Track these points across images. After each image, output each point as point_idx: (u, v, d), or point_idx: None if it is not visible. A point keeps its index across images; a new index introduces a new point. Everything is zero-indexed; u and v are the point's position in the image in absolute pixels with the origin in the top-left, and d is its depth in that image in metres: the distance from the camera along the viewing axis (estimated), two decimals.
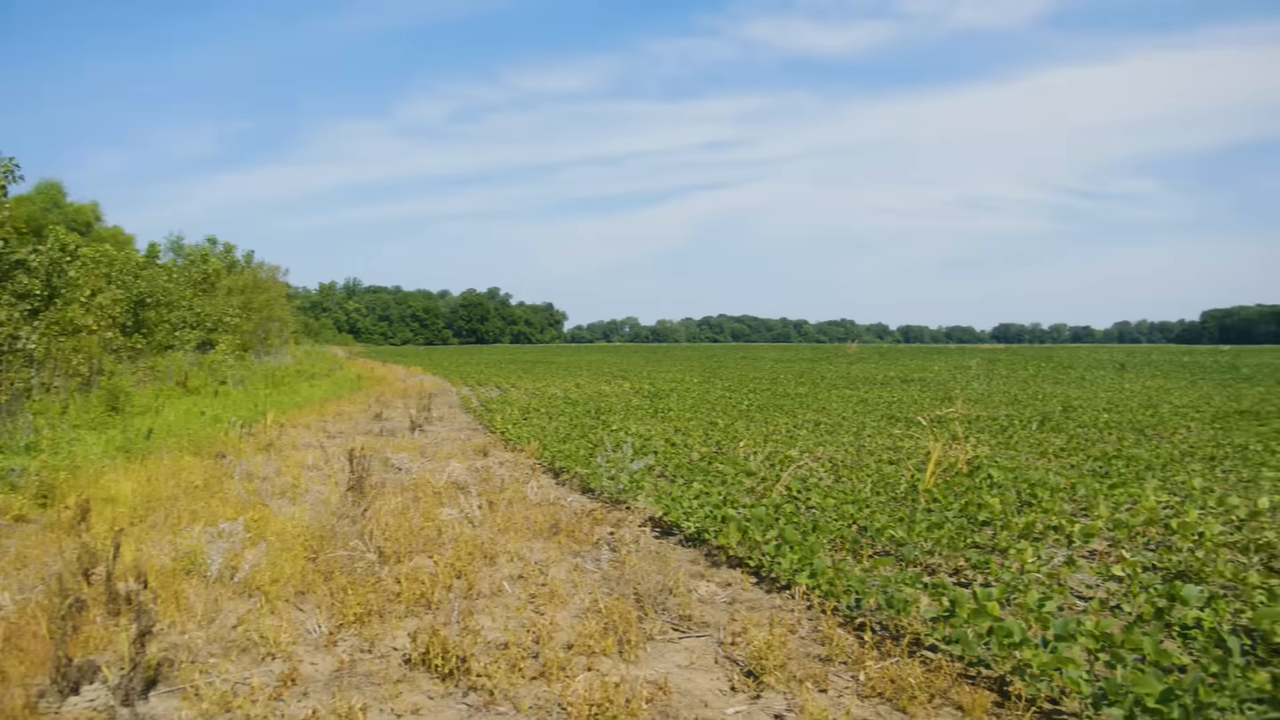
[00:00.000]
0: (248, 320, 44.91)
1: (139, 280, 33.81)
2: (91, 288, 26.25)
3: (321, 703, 4.80)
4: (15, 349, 16.38)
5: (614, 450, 11.75)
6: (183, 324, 36.62)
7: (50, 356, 20.19)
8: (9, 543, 8.24)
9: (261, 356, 43.82)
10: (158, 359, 30.42)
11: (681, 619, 6.29)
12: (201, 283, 46.16)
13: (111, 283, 30.63)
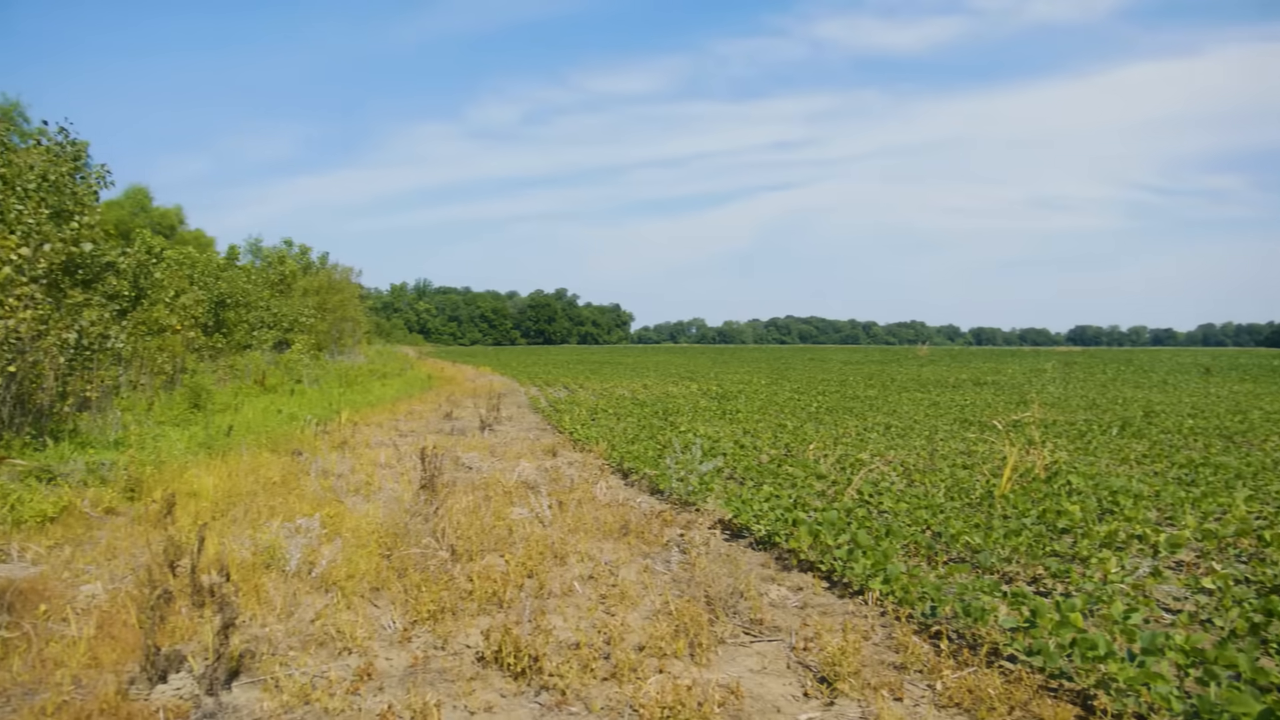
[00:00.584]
0: (322, 320, 45.93)
1: (220, 281, 34.84)
2: (175, 289, 27.15)
3: (397, 698, 4.86)
4: (105, 348, 16.96)
5: (683, 452, 11.72)
6: (260, 324, 37.61)
7: (137, 355, 20.87)
8: (100, 534, 8.55)
9: (335, 356, 44.76)
10: (237, 358, 31.28)
11: (753, 623, 6.24)
12: (279, 284, 47.39)
13: (194, 284, 31.63)
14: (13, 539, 8.11)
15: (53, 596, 6.37)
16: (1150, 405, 24.43)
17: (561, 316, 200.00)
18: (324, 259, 60.58)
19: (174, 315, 25.14)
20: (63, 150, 19.75)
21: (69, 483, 10.41)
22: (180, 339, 24.48)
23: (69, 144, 20.09)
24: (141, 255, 24.51)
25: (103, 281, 20.20)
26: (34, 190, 15.94)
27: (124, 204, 53.94)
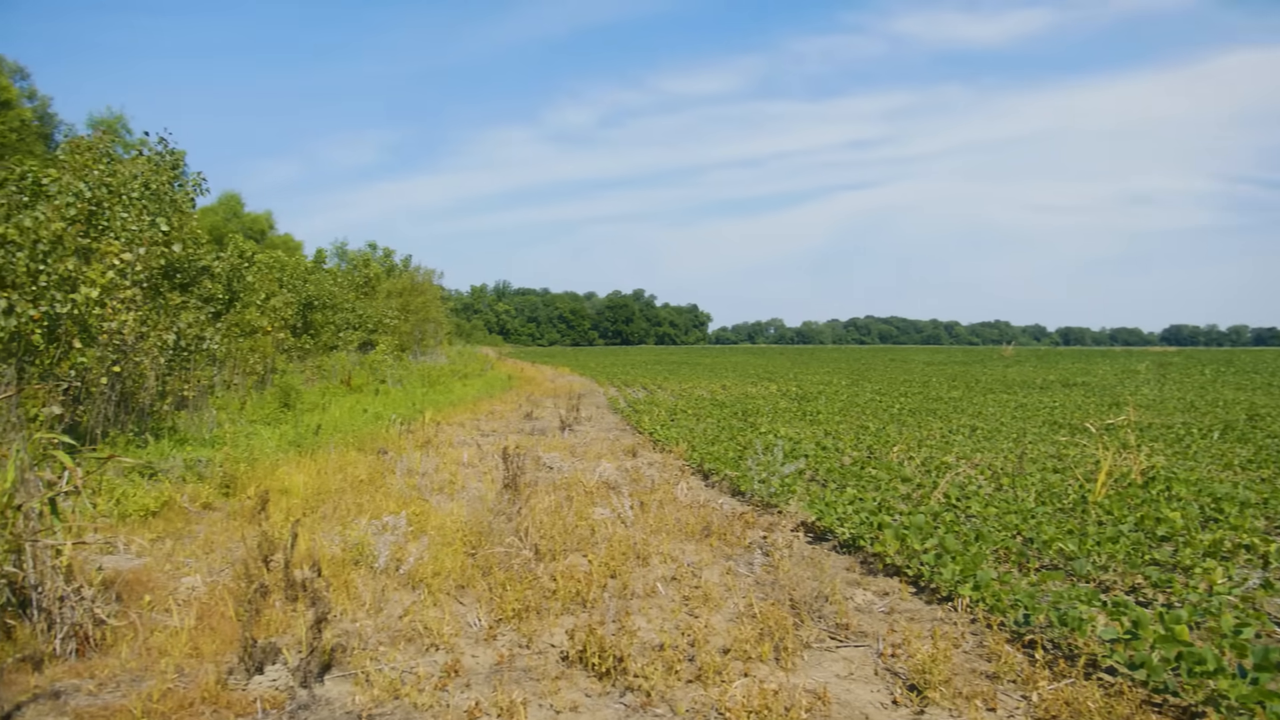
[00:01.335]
0: (405, 322, 46.86)
1: (307, 284, 35.85)
2: (266, 291, 28.00)
3: (484, 695, 4.91)
4: (201, 349, 17.60)
5: (764, 453, 11.63)
6: (346, 325, 38.56)
7: (230, 356, 21.60)
8: (198, 528, 8.86)
9: (418, 356, 45.63)
10: (324, 358, 32.13)
11: (838, 627, 6.14)
12: (363, 286, 48.54)
13: (283, 287, 32.59)
14: (119, 532, 8.46)
15: (156, 587, 6.62)
16: (1254, 408, 23.36)
17: (639, 317, 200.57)
18: (407, 261, 61.88)
19: (265, 317, 25.93)
20: (162, 159, 20.55)
21: (169, 478, 10.81)
22: (271, 340, 25.22)
23: (168, 153, 20.90)
24: (234, 259, 25.37)
25: (199, 285, 20.98)
26: (137, 199, 16.59)
27: (218, 210, 55.93)
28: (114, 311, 12.44)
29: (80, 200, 14.17)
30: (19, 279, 11.18)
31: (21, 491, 5.56)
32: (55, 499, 5.88)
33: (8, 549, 5.39)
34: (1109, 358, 74.97)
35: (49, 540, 5.56)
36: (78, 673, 5.11)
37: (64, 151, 18.35)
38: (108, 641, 5.53)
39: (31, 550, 5.46)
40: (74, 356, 11.48)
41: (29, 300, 10.94)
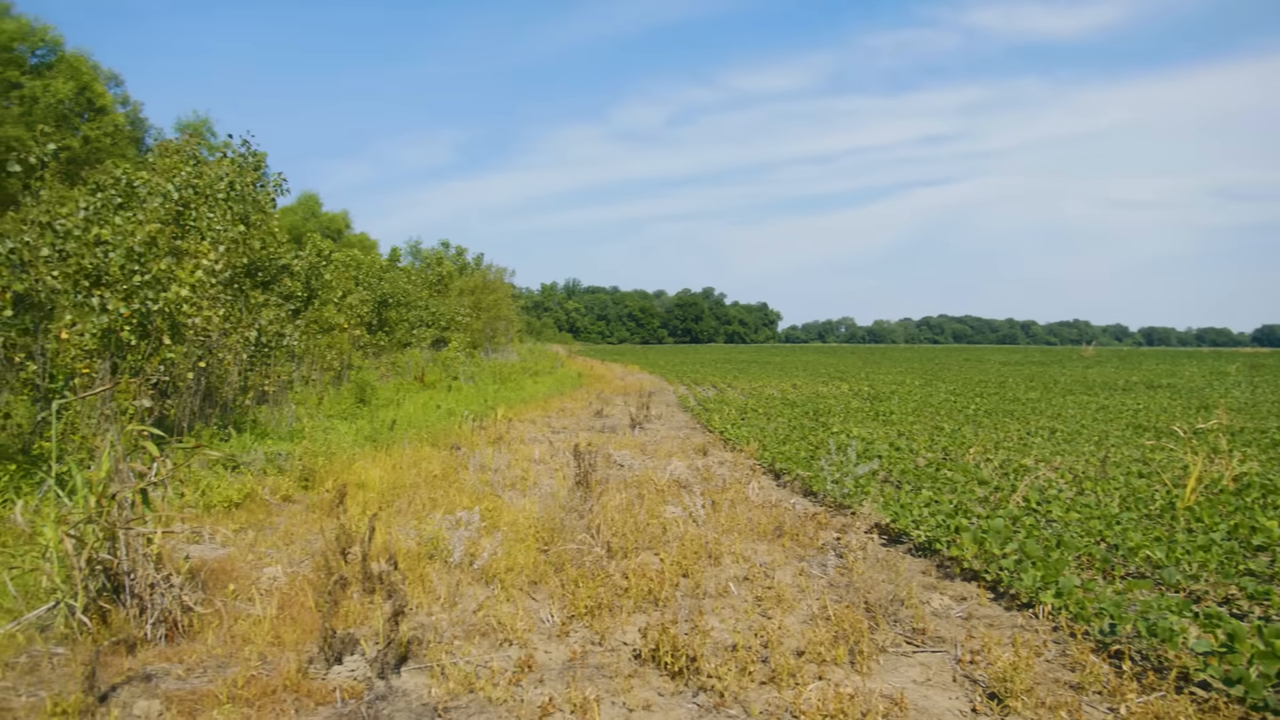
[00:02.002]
0: (477, 319, 47.48)
1: (382, 282, 36.54)
2: (343, 289, 28.60)
3: (557, 691, 4.93)
4: (281, 345, 18.07)
5: (837, 453, 11.48)
6: (420, 323, 39.21)
7: (308, 352, 22.11)
8: (279, 520, 9.08)
9: (489, 354, 46.20)
10: (398, 355, 32.72)
11: (914, 632, 6.03)
12: (436, 284, 49.32)
13: (359, 285, 33.26)
14: (204, 522, 8.72)
15: (239, 577, 6.80)
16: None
17: (708, 315, 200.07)
18: (479, 260, 62.75)
19: (341, 314, 26.48)
20: (245, 161, 21.15)
21: (250, 471, 11.11)
22: (347, 337, 25.75)
23: (250, 155, 21.50)
24: (313, 258, 25.96)
25: (279, 283, 21.52)
26: (221, 199, 17.10)
27: (297, 210, 57.40)
28: (200, 309, 12.82)
29: (169, 201, 14.65)
30: (113, 277, 11.59)
31: (116, 481, 5.75)
32: (146, 489, 6.08)
33: (104, 536, 5.59)
34: (1196, 359, 72.38)
35: (141, 529, 5.75)
36: (167, 657, 5.27)
37: (154, 155, 19.00)
38: (195, 628, 5.70)
39: (125, 538, 5.65)
40: (163, 352, 11.87)
41: (120, 298, 11.34)
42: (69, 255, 11.84)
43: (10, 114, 29.23)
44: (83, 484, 5.92)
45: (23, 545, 7.10)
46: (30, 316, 10.97)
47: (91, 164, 27.89)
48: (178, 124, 45.69)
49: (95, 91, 33.52)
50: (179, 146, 19.19)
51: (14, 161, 9.92)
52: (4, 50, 30.80)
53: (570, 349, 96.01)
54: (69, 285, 11.61)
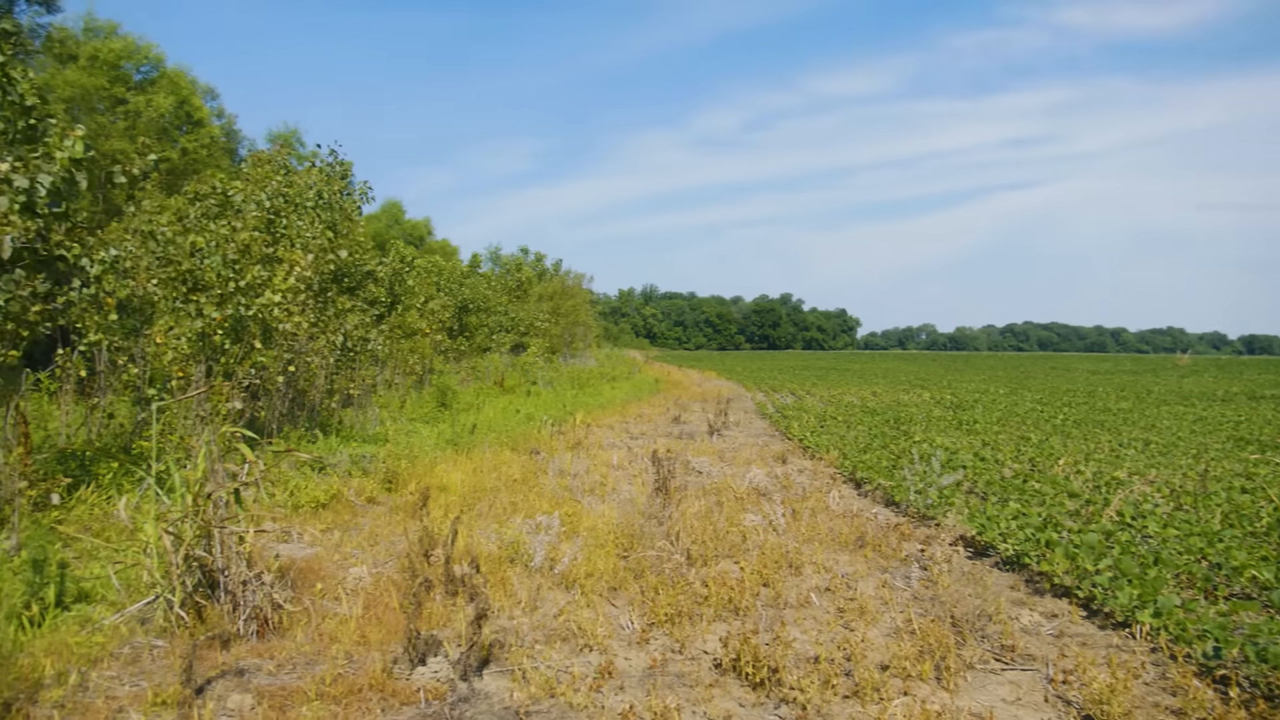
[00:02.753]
0: (556, 325, 47.89)
1: (463, 288, 37.15)
2: (425, 295, 29.18)
3: (637, 699, 4.92)
4: (365, 350, 18.51)
5: (921, 463, 11.25)
6: (499, 328, 39.73)
7: (391, 356, 22.57)
8: (363, 521, 9.27)
9: (567, 359, 46.54)
10: (478, 360, 33.19)
11: (1003, 649, 5.85)
12: (515, 289, 49.92)
13: (441, 290, 33.89)
14: (292, 522, 8.96)
15: (326, 576, 6.96)
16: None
17: (786, 322, 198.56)
18: (557, 265, 63.32)
19: (424, 319, 27.01)
20: (333, 170, 21.76)
21: (336, 473, 11.38)
22: (429, 342, 26.23)
23: (338, 164, 22.11)
24: (396, 264, 26.53)
25: (364, 289, 22.03)
26: (310, 207, 17.60)
27: (381, 217, 58.71)
28: (290, 314, 13.21)
29: (260, 209, 15.14)
30: (208, 283, 12.02)
31: (211, 481, 5.94)
32: (239, 489, 6.27)
33: (199, 534, 5.77)
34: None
35: (234, 527, 5.92)
36: (258, 653, 5.42)
37: (247, 165, 19.64)
38: (284, 625, 5.85)
39: (219, 536, 5.83)
40: (254, 356, 12.24)
41: (214, 303, 11.74)
42: (168, 262, 12.32)
43: (116, 128, 30.57)
44: (180, 483, 6.13)
45: (125, 540, 7.38)
46: (132, 321, 11.43)
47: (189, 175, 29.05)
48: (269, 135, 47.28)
49: (193, 105, 34.82)
50: (270, 157, 19.79)
51: (119, 173, 10.37)
52: (111, 68, 32.23)
53: (647, 355, 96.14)
54: (168, 291, 12.07)
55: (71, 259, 8.78)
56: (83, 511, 8.53)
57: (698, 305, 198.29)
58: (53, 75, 30.33)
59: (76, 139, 8.41)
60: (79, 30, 33.32)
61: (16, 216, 7.84)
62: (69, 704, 4.60)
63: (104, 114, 31.97)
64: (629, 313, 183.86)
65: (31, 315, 8.31)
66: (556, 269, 63.10)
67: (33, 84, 8.27)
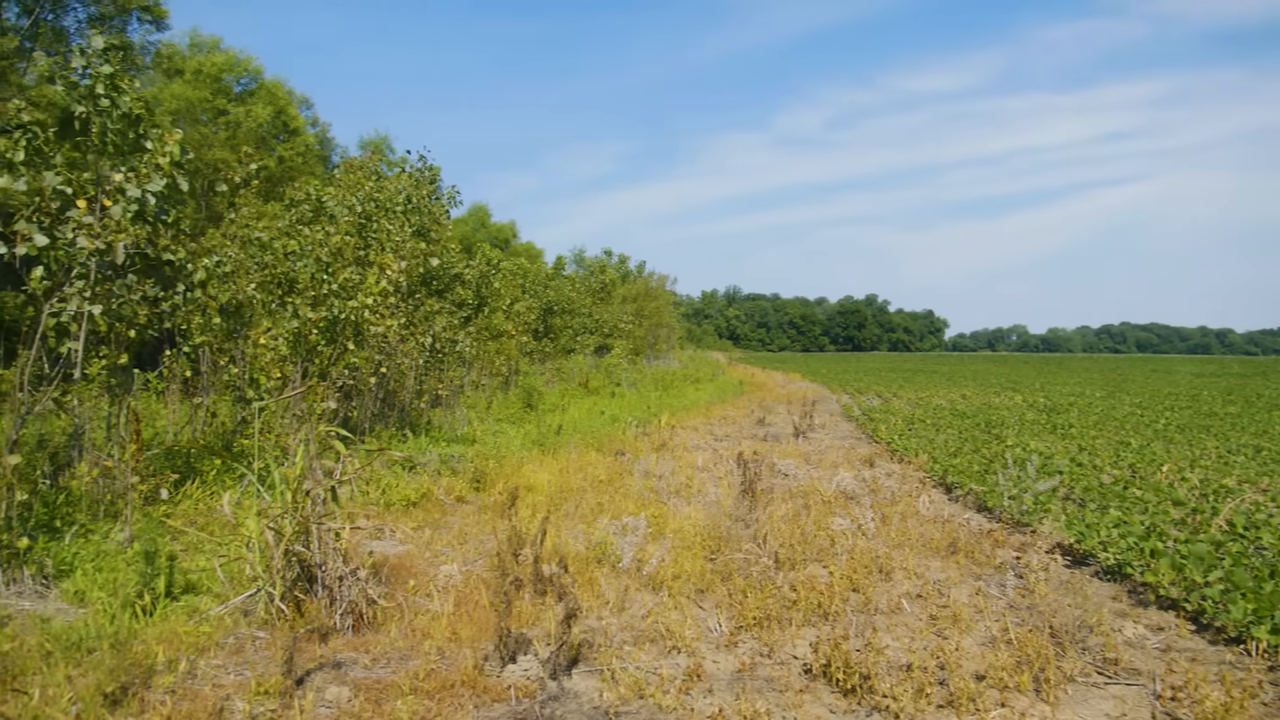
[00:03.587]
0: (639, 326, 48.03)
1: (548, 290, 37.54)
2: (511, 297, 29.57)
3: (726, 702, 4.89)
4: (453, 351, 18.87)
5: (1015, 467, 10.94)
6: (583, 330, 40.03)
7: (478, 358, 22.94)
8: (453, 519, 9.43)
9: (651, 361, 46.64)
10: (562, 361, 33.51)
11: (1106, 661, 5.63)
12: (599, 291, 50.20)
13: (526, 293, 34.30)
14: (385, 519, 9.16)
15: (418, 573, 7.09)
16: None
17: (871, 323, 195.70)
18: (640, 267, 63.46)
19: (510, 321, 27.37)
20: (421, 175, 22.20)
21: (426, 472, 11.61)
22: (515, 343, 26.57)
23: (426, 169, 22.55)
24: (482, 267, 26.96)
25: (452, 291, 22.44)
26: (400, 212, 18.00)
27: (467, 220, 59.75)
28: (381, 316, 13.52)
29: (351, 214, 15.54)
30: (302, 285, 12.40)
31: (309, 479, 6.12)
32: (335, 487, 6.43)
33: (298, 530, 5.94)
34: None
35: (331, 524, 6.08)
36: (354, 646, 5.55)
37: (340, 171, 20.19)
38: (378, 620, 5.98)
39: (317, 532, 6.00)
40: (347, 357, 12.57)
41: (308, 304, 12.10)
42: (265, 266, 12.75)
43: (218, 138, 31.78)
44: (280, 480, 6.32)
45: (227, 535, 7.65)
46: (232, 324, 11.86)
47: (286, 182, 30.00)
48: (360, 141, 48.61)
49: (290, 115, 36.00)
50: (362, 163, 20.29)
51: (221, 181, 10.77)
52: (214, 81, 33.55)
53: (730, 356, 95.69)
54: (265, 295, 12.48)
55: (178, 263, 9.14)
56: (188, 506, 8.88)
57: (781, 306, 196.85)
58: (160, 89, 31.69)
59: (174, 142, 8.75)
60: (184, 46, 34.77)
61: (129, 223, 8.19)
62: (179, 690, 4.79)
63: (206, 125, 33.28)
64: (712, 314, 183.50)
65: (141, 318, 8.67)
66: (640, 271, 63.27)
67: (138, 96, 8.62)
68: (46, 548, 6.75)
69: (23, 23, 25.42)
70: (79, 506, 7.90)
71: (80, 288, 7.93)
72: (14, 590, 6.12)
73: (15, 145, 7.53)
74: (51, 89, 22.50)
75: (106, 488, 8.11)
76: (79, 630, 5.35)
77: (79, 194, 7.93)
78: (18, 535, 6.38)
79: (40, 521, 7.36)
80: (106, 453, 8.46)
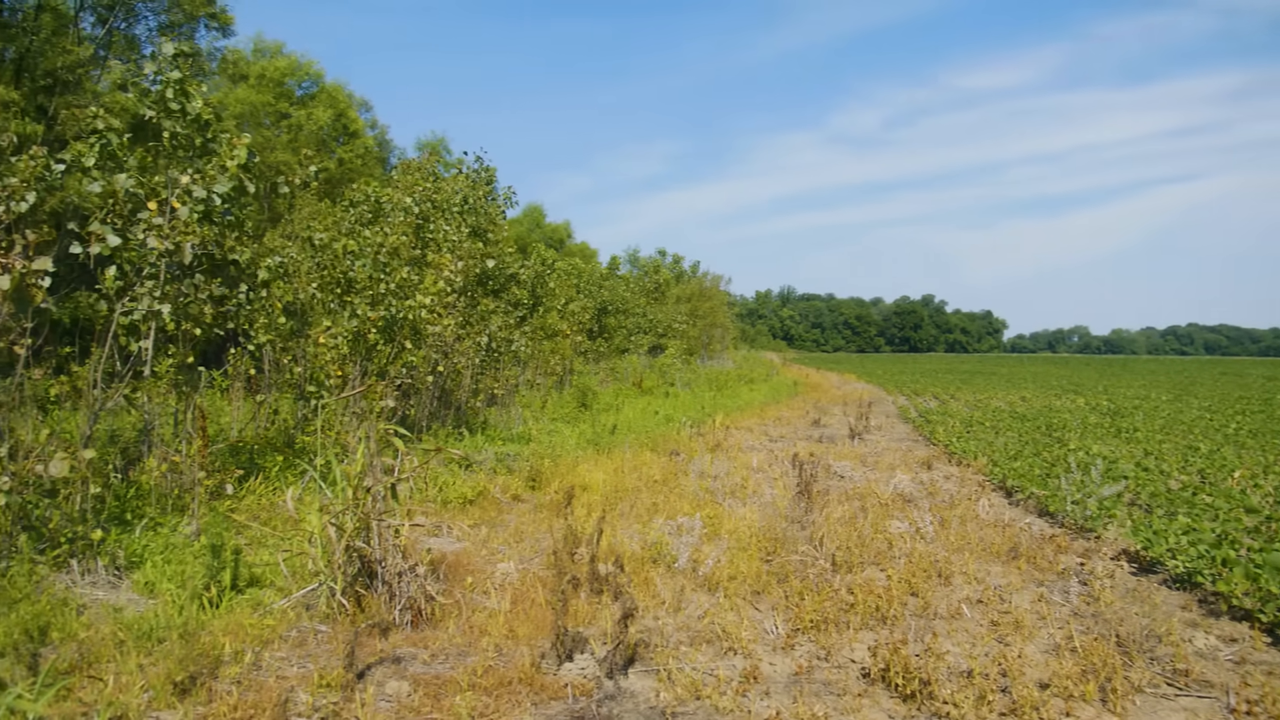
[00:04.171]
0: (693, 326, 47.98)
1: (602, 290, 37.67)
2: (565, 297, 29.73)
3: (784, 705, 4.85)
4: (509, 350, 19.03)
5: (1079, 471, 10.70)
6: (637, 329, 40.10)
7: (533, 357, 23.09)
8: (509, 518, 9.50)
9: (705, 361, 46.53)
10: (616, 361, 33.59)
11: (1176, 673, 5.48)
12: (653, 291, 50.27)
13: (580, 292, 34.45)
14: (442, 517, 9.26)
15: (475, 570, 7.16)
16: None
17: (928, 324, 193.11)
18: (695, 267, 63.43)
19: (564, 321, 27.50)
20: (478, 176, 22.43)
21: (482, 470, 11.70)
22: (569, 343, 26.69)
23: (483, 170, 22.78)
24: (537, 267, 27.15)
25: (507, 291, 22.63)
26: (457, 213, 18.20)
27: (522, 220, 60.27)
28: (438, 316, 13.68)
29: (409, 215, 15.75)
30: (360, 285, 12.60)
31: (369, 475, 6.20)
32: (395, 484, 6.52)
33: (359, 526, 6.03)
34: None
35: (391, 520, 6.17)
36: (413, 642, 5.62)
37: (397, 173, 20.48)
38: (436, 616, 6.05)
39: (377, 528, 6.08)
40: (405, 356, 12.74)
41: (367, 303, 12.29)
42: (324, 266, 12.97)
43: (280, 141, 32.48)
44: (341, 477, 6.43)
45: (289, 529, 7.80)
46: (294, 323, 12.09)
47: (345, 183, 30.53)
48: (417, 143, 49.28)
49: (349, 118, 36.65)
50: (419, 165, 20.56)
51: (283, 184, 11.00)
52: (276, 85, 34.31)
53: (784, 357, 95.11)
54: (325, 295, 12.70)
55: (243, 263, 9.35)
56: (252, 501, 9.07)
57: (836, 307, 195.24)
58: (226, 94, 32.46)
59: (242, 146, 8.96)
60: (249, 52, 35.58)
61: (196, 225, 8.40)
62: (245, 681, 4.89)
63: (269, 128, 34.01)
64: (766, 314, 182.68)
65: (207, 317, 8.89)
66: (694, 271, 63.24)
67: (206, 101, 8.84)
68: (118, 540, 6.94)
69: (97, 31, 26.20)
70: (148, 500, 8.12)
71: (150, 287, 8.15)
72: (89, 580, 6.31)
73: (89, 150, 7.76)
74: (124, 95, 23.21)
75: (174, 482, 8.32)
76: (149, 620, 5.49)
77: (150, 196, 8.16)
78: (92, 527, 6.58)
79: (112, 514, 7.57)
80: (174, 448, 8.68)
